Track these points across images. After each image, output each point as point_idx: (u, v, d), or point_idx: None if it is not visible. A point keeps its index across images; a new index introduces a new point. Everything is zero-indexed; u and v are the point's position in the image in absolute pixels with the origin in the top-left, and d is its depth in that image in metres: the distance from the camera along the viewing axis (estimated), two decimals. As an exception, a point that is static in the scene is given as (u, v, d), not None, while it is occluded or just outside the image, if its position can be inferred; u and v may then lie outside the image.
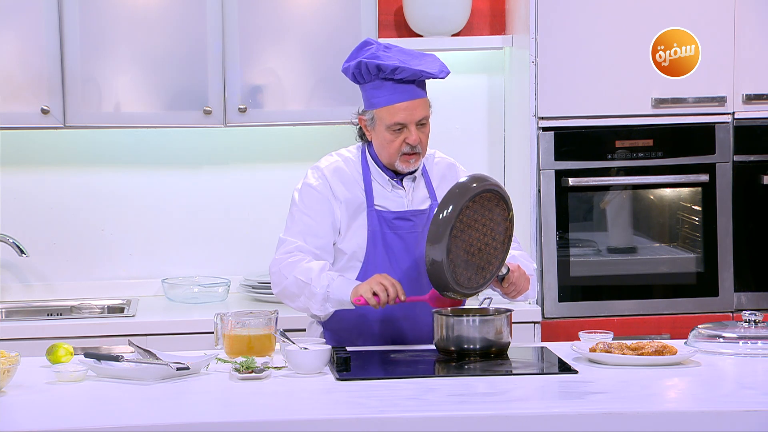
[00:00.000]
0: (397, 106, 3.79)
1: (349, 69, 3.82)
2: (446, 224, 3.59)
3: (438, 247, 3.59)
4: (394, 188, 3.90)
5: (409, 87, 3.79)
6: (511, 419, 3.06)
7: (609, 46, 4.83)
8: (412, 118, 3.80)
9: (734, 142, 4.90)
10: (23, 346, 3.89)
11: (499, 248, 3.73)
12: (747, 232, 4.92)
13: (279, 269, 3.84)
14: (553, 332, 4.78)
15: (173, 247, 5.23)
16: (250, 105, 4.88)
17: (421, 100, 3.82)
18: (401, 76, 3.76)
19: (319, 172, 3.92)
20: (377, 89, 3.80)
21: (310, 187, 3.91)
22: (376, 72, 3.77)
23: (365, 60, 3.77)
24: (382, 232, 3.86)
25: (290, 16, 4.87)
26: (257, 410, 3.14)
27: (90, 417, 3.11)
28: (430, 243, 3.60)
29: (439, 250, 3.59)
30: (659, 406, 3.18)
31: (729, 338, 3.70)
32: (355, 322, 3.89)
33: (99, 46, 4.81)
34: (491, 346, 3.65)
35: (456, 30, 5.14)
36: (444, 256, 3.59)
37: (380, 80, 3.79)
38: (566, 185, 4.85)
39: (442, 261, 3.60)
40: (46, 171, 5.17)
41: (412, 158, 3.84)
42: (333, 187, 3.88)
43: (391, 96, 3.79)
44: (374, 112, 3.83)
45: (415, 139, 3.80)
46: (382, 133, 3.83)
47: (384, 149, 3.85)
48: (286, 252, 3.86)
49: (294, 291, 3.80)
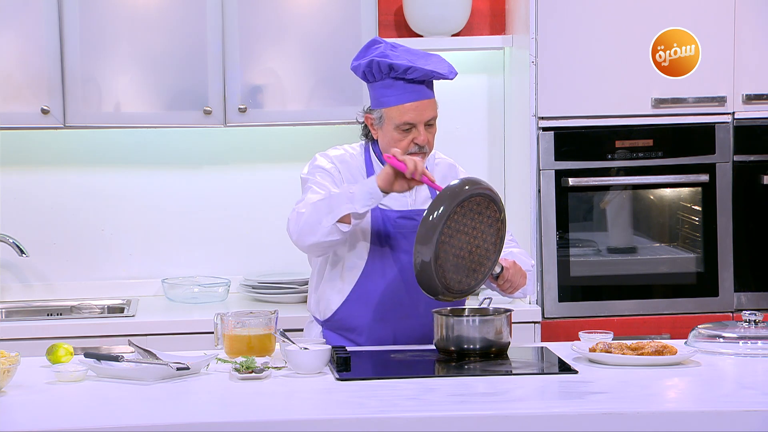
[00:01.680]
0: (406, 105, 3.80)
1: (359, 67, 3.81)
2: (434, 229, 3.55)
3: (425, 250, 3.56)
4: None
5: (419, 87, 3.80)
6: (511, 419, 3.06)
7: (609, 46, 4.83)
8: (421, 118, 3.81)
9: (734, 142, 4.90)
10: (23, 346, 3.89)
11: (491, 249, 3.71)
12: (747, 232, 4.92)
13: (297, 210, 3.73)
14: (553, 332, 4.78)
15: (173, 247, 5.23)
16: (250, 105, 4.88)
17: (430, 100, 3.83)
18: (413, 76, 3.77)
19: (328, 158, 3.92)
20: (387, 88, 3.80)
21: (321, 168, 3.89)
22: (387, 71, 3.78)
23: (377, 59, 3.76)
24: (386, 230, 3.86)
25: (290, 16, 4.87)
26: (257, 410, 3.13)
27: (90, 417, 3.11)
28: (419, 245, 3.56)
29: (426, 254, 3.56)
30: (659, 406, 3.18)
31: (729, 338, 3.70)
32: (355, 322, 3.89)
33: (99, 46, 4.81)
34: (491, 346, 3.65)
35: (456, 30, 5.14)
36: (432, 260, 3.56)
37: (391, 79, 3.79)
38: (566, 185, 4.85)
39: (431, 264, 3.56)
40: (46, 171, 5.17)
41: (418, 157, 3.84)
42: (341, 173, 3.88)
43: (401, 95, 3.79)
44: (383, 111, 3.83)
45: (423, 139, 3.81)
46: (391, 132, 3.83)
47: (391, 148, 3.85)
48: None
49: (314, 218, 3.68)
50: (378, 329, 3.89)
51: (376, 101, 3.85)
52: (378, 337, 3.89)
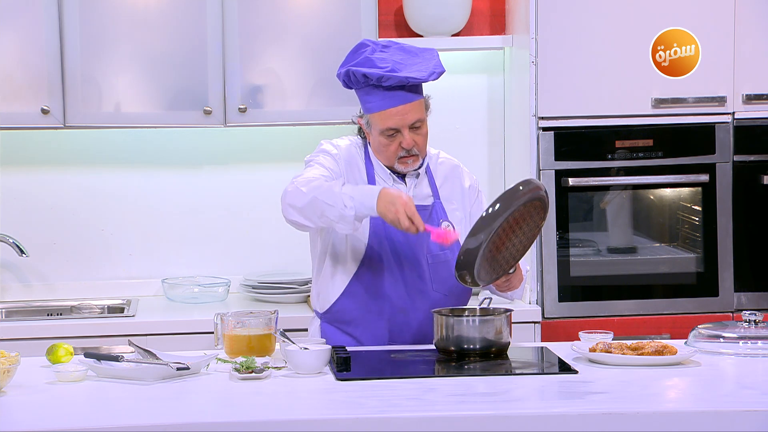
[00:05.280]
0: (388, 111, 3.79)
1: (340, 76, 3.83)
2: (494, 220, 3.55)
3: (476, 240, 3.56)
4: (395, 183, 3.90)
5: (399, 92, 3.78)
6: (511, 419, 3.06)
7: (609, 46, 4.83)
8: (404, 123, 3.79)
9: (734, 142, 4.90)
10: (23, 346, 3.89)
11: (520, 251, 3.72)
12: (747, 232, 4.92)
13: (296, 187, 3.71)
14: (553, 332, 4.78)
15: (173, 247, 5.23)
16: (250, 105, 4.88)
17: (414, 103, 3.80)
18: (388, 84, 3.75)
19: (333, 145, 3.93)
20: (368, 95, 3.80)
21: (326, 152, 3.91)
22: (364, 80, 3.77)
23: (352, 68, 3.76)
24: (385, 227, 3.85)
25: (290, 16, 4.87)
26: (257, 410, 3.13)
27: (90, 417, 3.11)
28: (472, 234, 3.56)
29: (477, 241, 3.56)
30: (659, 406, 3.18)
31: (729, 338, 3.70)
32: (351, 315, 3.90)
33: (99, 46, 4.81)
34: (491, 346, 3.65)
35: (456, 30, 5.14)
36: (479, 251, 3.56)
37: (370, 87, 3.79)
38: (566, 185, 4.85)
39: (477, 254, 3.56)
40: (46, 171, 5.17)
41: (409, 160, 3.84)
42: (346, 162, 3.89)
43: (382, 102, 3.79)
44: (368, 117, 3.84)
45: (409, 143, 3.80)
46: (377, 137, 3.84)
47: (381, 153, 3.86)
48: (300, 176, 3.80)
49: (315, 211, 3.68)
50: (374, 322, 3.89)
51: (362, 107, 3.87)
52: (374, 331, 3.90)
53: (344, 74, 3.79)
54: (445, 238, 3.67)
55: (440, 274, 3.89)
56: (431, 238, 3.71)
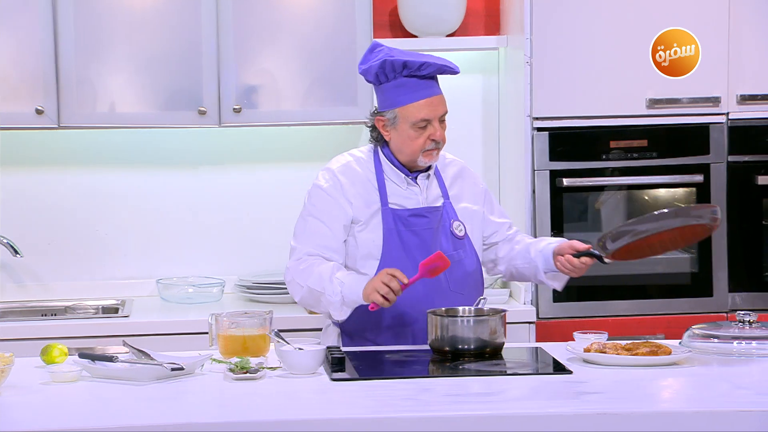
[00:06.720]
0: (421, 102, 3.86)
1: (371, 70, 3.85)
2: (627, 235, 3.77)
3: (614, 243, 3.77)
4: (409, 185, 3.94)
5: (431, 83, 3.88)
6: (506, 419, 3.06)
7: (603, 47, 4.83)
8: (436, 113, 3.87)
9: (728, 143, 4.91)
10: (17, 347, 3.88)
11: (647, 254, 3.89)
12: (741, 233, 4.92)
13: (293, 278, 3.90)
14: (547, 332, 4.78)
15: (168, 247, 5.23)
16: (245, 105, 4.88)
17: (441, 96, 3.92)
18: (427, 71, 3.84)
19: (330, 173, 3.95)
20: (400, 87, 3.85)
21: (320, 189, 3.93)
22: (401, 69, 3.83)
23: (390, 58, 3.82)
24: (398, 229, 3.88)
25: (285, 17, 4.87)
26: (252, 410, 3.13)
27: (84, 417, 3.11)
28: (613, 238, 3.77)
29: (610, 246, 3.78)
30: (654, 406, 3.18)
31: (723, 338, 3.70)
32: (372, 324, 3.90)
33: (94, 47, 4.80)
34: (486, 346, 3.65)
35: (451, 30, 5.14)
36: (638, 236, 3.76)
37: (404, 78, 3.84)
38: (561, 185, 4.85)
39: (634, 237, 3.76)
40: (40, 171, 5.16)
41: (435, 152, 3.92)
42: (344, 187, 3.90)
43: (414, 93, 3.85)
44: (397, 111, 3.87)
45: (440, 135, 3.88)
46: (407, 131, 3.87)
47: (407, 146, 3.88)
48: (297, 259, 3.91)
49: (311, 302, 3.89)
50: (394, 327, 3.89)
51: (389, 102, 3.88)
52: (397, 337, 3.90)
53: (378, 65, 3.83)
54: (434, 270, 3.75)
55: (455, 273, 3.90)
56: (420, 274, 3.77)
